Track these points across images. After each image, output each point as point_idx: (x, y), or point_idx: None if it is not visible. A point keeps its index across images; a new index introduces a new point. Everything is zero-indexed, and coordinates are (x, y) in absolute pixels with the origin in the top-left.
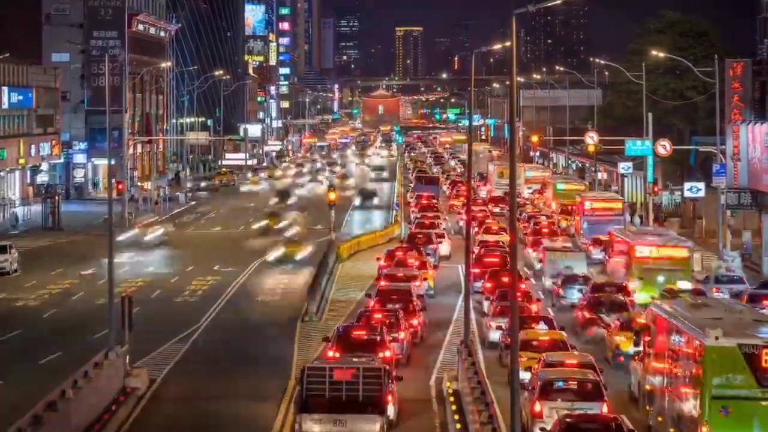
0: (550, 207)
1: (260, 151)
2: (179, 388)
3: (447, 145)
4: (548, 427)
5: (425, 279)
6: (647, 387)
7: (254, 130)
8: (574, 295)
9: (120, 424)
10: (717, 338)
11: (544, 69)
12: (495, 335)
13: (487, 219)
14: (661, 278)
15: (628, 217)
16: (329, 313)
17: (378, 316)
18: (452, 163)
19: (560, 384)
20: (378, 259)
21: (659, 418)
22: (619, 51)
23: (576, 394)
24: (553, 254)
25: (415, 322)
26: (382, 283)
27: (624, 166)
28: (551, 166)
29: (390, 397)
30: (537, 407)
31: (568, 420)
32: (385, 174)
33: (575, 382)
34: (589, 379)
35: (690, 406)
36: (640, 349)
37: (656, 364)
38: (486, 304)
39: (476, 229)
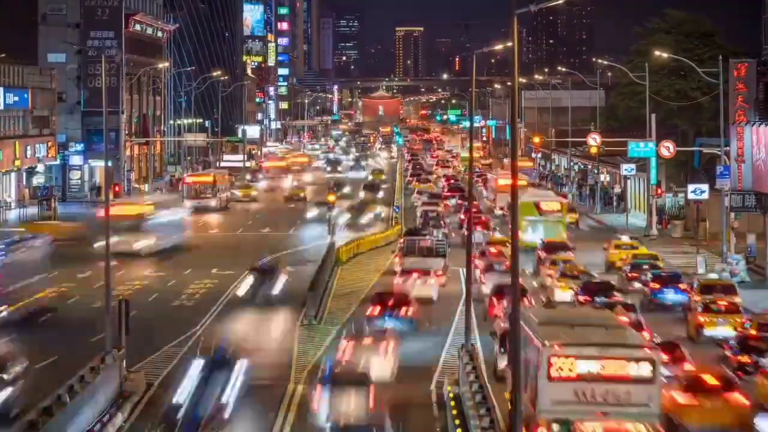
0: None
1: (259, 153)
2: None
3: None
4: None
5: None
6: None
7: (253, 131)
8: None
9: (117, 429)
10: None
11: (546, 70)
12: (486, 288)
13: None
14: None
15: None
16: (328, 316)
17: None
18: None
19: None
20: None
21: None
22: (622, 51)
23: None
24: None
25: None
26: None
27: (627, 168)
28: (553, 167)
29: (448, 249)
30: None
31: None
32: (381, 195)
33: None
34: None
35: None
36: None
37: None
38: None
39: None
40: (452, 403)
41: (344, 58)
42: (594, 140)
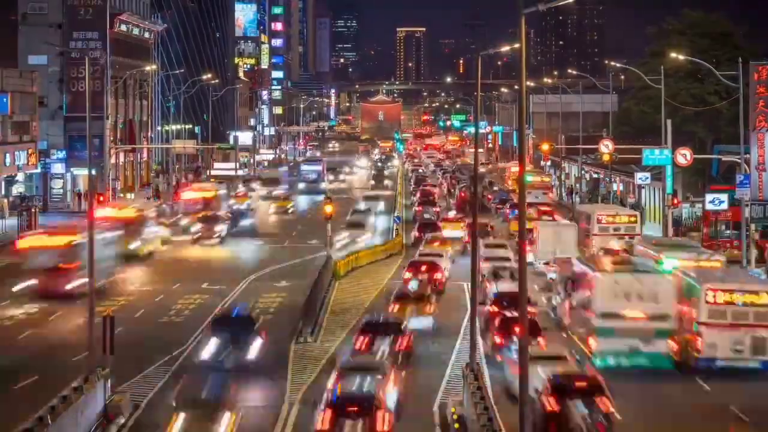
0: None
1: (252, 161)
2: (164, 414)
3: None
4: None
5: None
6: None
7: (245, 137)
8: None
9: None
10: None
11: (556, 72)
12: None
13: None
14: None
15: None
16: (325, 333)
17: None
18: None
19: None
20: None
21: None
22: (635, 53)
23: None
24: None
25: None
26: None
27: (641, 177)
28: (562, 175)
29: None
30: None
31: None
32: None
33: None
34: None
35: None
36: None
37: None
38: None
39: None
40: (456, 425)
41: (342, 60)
42: (606, 147)
